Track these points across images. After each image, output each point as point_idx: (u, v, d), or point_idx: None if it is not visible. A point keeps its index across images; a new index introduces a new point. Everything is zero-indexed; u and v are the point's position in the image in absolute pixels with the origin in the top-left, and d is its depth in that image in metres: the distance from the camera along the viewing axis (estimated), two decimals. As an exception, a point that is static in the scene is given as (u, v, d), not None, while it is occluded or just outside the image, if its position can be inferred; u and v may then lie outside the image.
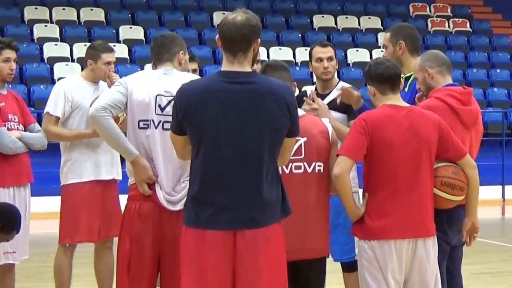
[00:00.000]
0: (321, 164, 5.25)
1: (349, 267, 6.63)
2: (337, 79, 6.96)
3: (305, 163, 5.22)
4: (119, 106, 5.19)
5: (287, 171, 4.91)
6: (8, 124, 6.82)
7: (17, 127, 6.89)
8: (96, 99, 6.86)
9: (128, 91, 5.17)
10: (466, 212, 5.53)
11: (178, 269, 4.66)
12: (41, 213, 9.07)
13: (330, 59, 6.76)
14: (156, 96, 5.11)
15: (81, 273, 7.63)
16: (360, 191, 5.38)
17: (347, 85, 6.77)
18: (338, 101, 6.40)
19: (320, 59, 6.74)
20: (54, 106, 7.08)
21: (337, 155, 5.24)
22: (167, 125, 4.94)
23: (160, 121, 5.09)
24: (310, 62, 6.85)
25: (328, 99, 6.66)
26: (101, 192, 7.15)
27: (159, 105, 5.09)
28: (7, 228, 5.85)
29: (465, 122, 5.72)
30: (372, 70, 5.41)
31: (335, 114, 6.48)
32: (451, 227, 5.56)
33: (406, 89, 6.19)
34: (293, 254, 4.79)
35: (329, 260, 5.79)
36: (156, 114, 5.10)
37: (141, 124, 5.12)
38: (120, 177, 7.18)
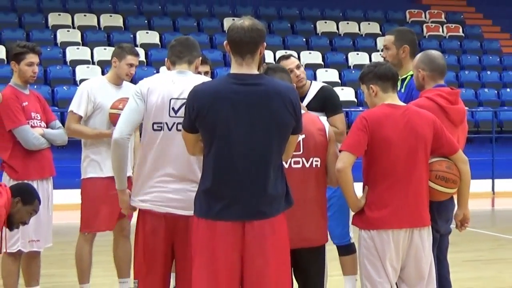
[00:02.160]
0: (318, 159, 5.24)
1: (345, 250, 6.64)
2: (309, 82, 6.90)
3: (304, 159, 5.20)
4: (137, 126, 5.22)
5: (286, 166, 4.89)
6: (31, 122, 6.83)
7: (40, 125, 6.90)
8: (119, 100, 6.92)
9: (144, 100, 5.12)
10: (458, 204, 5.53)
11: (191, 256, 4.66)
12: (63, 205, 9.08)
13: (297, 67, 6.77)
14: (170, 100, 5.05)
15: (101, 260, 7.64)
16: (360, 184, 5.35)
17: (319, 84, 6.86)
18: None
19: (291, 70, 6.68)
20: (78, 105, 7.09)
21: (340, 151, 5.24)
22: (181, 126, 4.90)
23: (174, 123, 5.03)
24: None
25: (306, 101, 6.68)
26: (118, 186, 7.14)
27: (173, 108, 5.04)
28: (27, 199, 5.83)
29: (453, 120, 5.73)
30: (376, 70, 5.40)
31: (314, 113, 6.49)
32: (440, 217, 5.56)
33: (402, 90, 6.19)
34: (293, 244, 4.77)
35: (330, 249, 5.80)
36: (170, 116, 5.04)
37: (155, 126, 5.07)
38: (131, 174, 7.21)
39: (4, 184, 6.08)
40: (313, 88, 6.76)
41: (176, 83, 5.07)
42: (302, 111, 4.81)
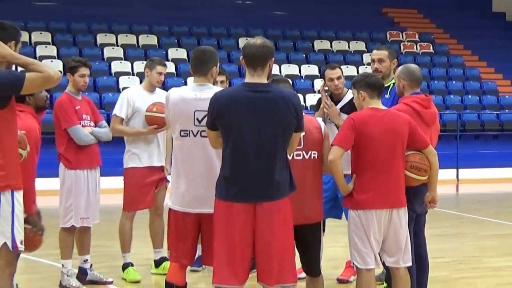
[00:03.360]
0: (316, 152, 5.21)
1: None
2: (346, 89, 6.77)
3: (304, 152, 5.17)
4: None
5: (290, 158, 4.88)
6: (82, 122, 6.81)
7: (89, 124, 6.88)
8: (152, 104, 6.93)
9: (169, 104, 5.08)
10: (428, 188, 5.51)
11: (213, 230, 4.65)
12: (109, 189, 9.09)
13: (338, 78, 6.69)
14: (195, 112, 4.97)
15: (139, 234, 7.64)
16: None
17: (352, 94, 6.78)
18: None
19: (332, 79, 6.66)
20: (120, 109, 7.08)
21: (332, 145, 5.22)
22: (204, 134, 4.86)
23: (198, 131, 4.97)
24: (324, 81, 6.74)
25: (340, 105, 6.62)
26: (153, 174, 7.15)
27: (197, 118, 4.97)
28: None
29: (426, 121, 5.73)
30: (367, 80, 5.39)
31: (344, 116, 6.45)
32: (416, 200, 5.54)
33: (387, 96, 6.18)
34: (295, 221, 4.77)
35: (328, 225, 5.81)
36: (195, 125, 4.97)
37: (182, 133, 5.01)
38: (163, 164, 7.21)
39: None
40: (347, 96, 6.62)
41: (199, 98, 4.98)
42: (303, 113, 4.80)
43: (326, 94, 6.61)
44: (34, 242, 5.04)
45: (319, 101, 6.76)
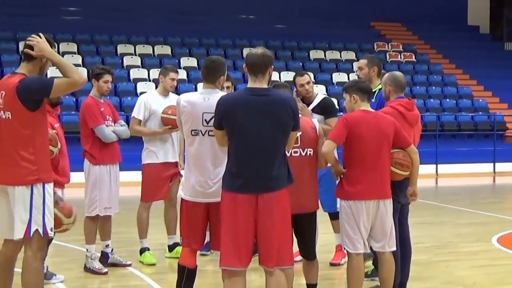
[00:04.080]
0: (311, 149, 5.21)
1: (334, 215, 6.64)
2: (316, 93, 6.88)
3: (300, 149, 5.18)
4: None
5: (288, 154, 4.88)
6: (106, 122, 6.82)
7: (111, 124, 6.89)
8: (168, 107, 6.93)
9: (179, 108, 5.05)
10: (410, 182, 5.51)
11: (220, 219, 4.65)
12: (128, 182, 9.08)
13: (308, 83, 6.78)
14: (203, 113, 4.94)
15: (155, 222, 7.64)
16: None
17: (321, 96, 6.88)
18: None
19: (302, 85, 6.74)
20: (138, 112, 7.09)
21: (326, 139, 5.23)
22: (212, 133, 4.84)
23: (206, 130, 4.94)
24: (295, 87, 6.82)
25: (311, 107, 6.72)
26: (168, 169, 7.15)
27: (205, 119, 4.94)
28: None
29: (410, 122, 5.72)
30: (359, 85, 5.41)
31: (316, 116, 6.55)
32: (400, 192, 5.53)
33: (373, 100, 6.18)
34: (293, 210, 4.76)
35: (322, 214, 5.81)
36: (203, 125, 4.94)
37: (192, 132, 4.98)
38: (177, 160, 7.20)
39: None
40: (317, 98, 6.78)
41: (207, 101, 4.95)
42: (300, 115, 4.80)
43: (298, 98, 6.67)
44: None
45: None
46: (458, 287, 6.38)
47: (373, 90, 6.25)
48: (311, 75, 7.05)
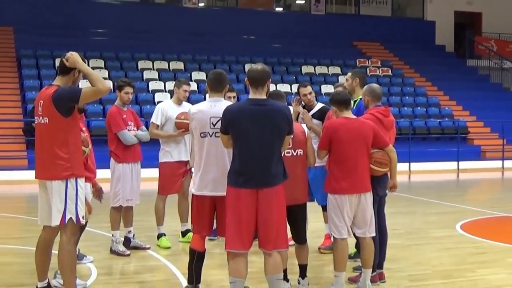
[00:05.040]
0: (301, 150, 5.20)
1: (325, 208, 6.65)
2: (316, 102, 6.91)
3: (292, 150, 5.16)
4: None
5: (283, 155, 4.88)
6: (128, 127, 6.83)
7: (133, 129, 6.90)
8: (181, 113, 6.93)
9: (190, 116, 5.01)
10: (390, 177, 5.52)
11: (225, 210, 4.65)
12: (147, 177, 9.05)
13: (310, 93, 6.78)
14: (210, 118, 4.93)
15: (170, 212, 7.65)
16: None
17: (321, 105, 6.86)
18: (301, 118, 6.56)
19: (305, 95, 6.73)
20: (156, 118, 7.09)
21: (318, 149, 5.28)
22: (218, 134, 4.82)
23: (213, 132, 4.92)
24: (299, 95, 6.83)
25: (311, 113, 6.73)
26: (181, 167, 7.15)
27: (212, 123, 4.92)
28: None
29: (386, 126, 5.71)
30: (334, 97, 5.40)
31: (315, 121, 6.58)
32: (379, 186, 5.53)
33: (353, 107, 6.18)
34: (287, 202, 4.76)
35: (313, 205, 5.82)
36: (210, 128, 4.93)
37: (201, 134, 4.96)
38: (189, 159, 7.19)
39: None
40: (317, 106, 6.83)
41: (213, 107, 4.95)
42: (301, 118, 4.80)
43: (301, 105, 6.73)
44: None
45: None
46: (426, 266, 6.38)
47: (355, 99, 6.27)
48: (312, 86, 7.04)
